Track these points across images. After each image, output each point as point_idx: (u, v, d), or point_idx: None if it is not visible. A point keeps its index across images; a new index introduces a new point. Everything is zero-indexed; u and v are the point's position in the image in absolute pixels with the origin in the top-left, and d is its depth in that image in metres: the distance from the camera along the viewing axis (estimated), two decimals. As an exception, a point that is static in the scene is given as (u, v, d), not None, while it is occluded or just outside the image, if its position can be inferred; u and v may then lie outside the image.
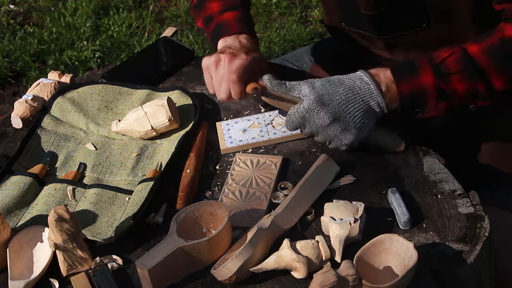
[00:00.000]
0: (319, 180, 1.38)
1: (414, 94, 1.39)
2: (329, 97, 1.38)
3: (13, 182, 1.45)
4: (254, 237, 1.24)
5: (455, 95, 1.39)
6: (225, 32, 1.61)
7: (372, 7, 1.56)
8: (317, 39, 3.41)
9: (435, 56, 1.39)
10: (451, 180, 1.38)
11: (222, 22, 1.63)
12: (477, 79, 1.38)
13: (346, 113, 1.38)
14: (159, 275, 1.22)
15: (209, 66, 1.52)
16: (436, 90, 1.38)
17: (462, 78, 1.38)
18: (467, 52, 1.38)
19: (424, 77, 1.38)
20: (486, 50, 1.38)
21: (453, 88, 1.38)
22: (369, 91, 1.39)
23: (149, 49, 1.87)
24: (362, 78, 1.39)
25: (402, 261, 1.21)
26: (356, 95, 1.38)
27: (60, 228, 1.24)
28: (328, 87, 1.39)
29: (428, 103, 1.39)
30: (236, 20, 1.62)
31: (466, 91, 1.39)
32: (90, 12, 3.67)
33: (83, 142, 1.56)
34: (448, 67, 1.38)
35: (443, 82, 1.38)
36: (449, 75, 1.38)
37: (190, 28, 3.55)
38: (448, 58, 1.38)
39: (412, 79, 1.38)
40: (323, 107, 1.38)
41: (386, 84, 1.39)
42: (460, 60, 1.38)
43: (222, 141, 1.54)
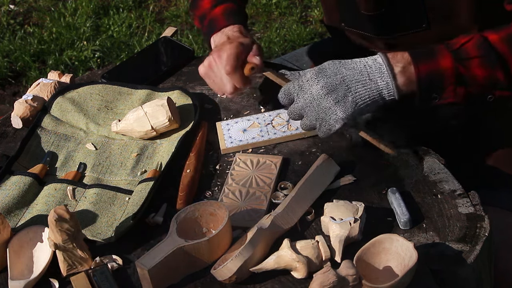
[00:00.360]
0: (319, 180, 1.38)
1: (432, 76, 1.34)
2: (334, 70, 1.35)
3: (13, 182, 1.45)
4: (254, 237, 1.24)
5: (474, 81, 1.35)
6: (214, 29, 1.60)
7: (372, 7, 1.56)
8: (317, 39, 3.41)
9: (453, 42, 1.36)
10: (451, 180, 1.38)
11: (212, 19, 1.62)
12: (497, 66, 1.34)
13: (347, 86, 1.34)
14: (159, 275, 1.22)
15: (206, 72, 1.52)
16: (455, 74, 1.34)
17: (482, 63, 1.34)
18: (486, 38, 1.35)
19: (443, 61, 1.34)
20: (506, 38, 1.35)
21: (473, 73, 1.35)
22: (379, 71, 1.34)
23: (149, 49, 1.87)
24: (376, 59, 1.36)
25: (402, 261, 1.21)
26: (364, 73, 1.34)
27: (60, 228, 1.24)
28: (337, 63, 1.36)
29: (447, 88, 1.35)
30: (224, 13, 1.61)
31: (485, 78, 1.35)
32: (90, 12, 3.67)
33: (83, 142, 1.56)
34: (467, 52, 1.34)
35: (462, 66, 1.34)
36: (469, 60, 1.34)
37: (190, 28, 3.55)
38: (467, 43, 1.35)
39: (431, 61, 1.34)
40: (324, 77, 1.34)
41: (403, 65, 1.35)
42: (480, 45, 1.34)
43: (222, 141, 1.54)
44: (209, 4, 1.65)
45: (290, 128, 1.54)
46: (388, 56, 1.36)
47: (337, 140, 1.51)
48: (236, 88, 1.49)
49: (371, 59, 1.36)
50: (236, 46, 1.48)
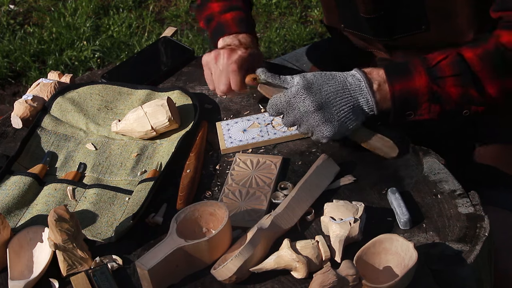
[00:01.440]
0: (319, 180, 1.38)
1: (407, 95, 1.36)
2: (318, 87, 1.36)
3: (13, 182, 1.45)
4: (254, 237, 1.24)
5: (448, 99, 1.37)
6: (225, 31, 1.62)
7: (371, 11, 1.56)
8: (317, 39, 3.41)
9: (429, 58, 1.37)
10: (451, 180, 1.38)
11: (222, 22, 1.64)
12: (471, 84, 1.35)
13: (332, 104, 1.36)
14: (159, 275, 1.22)
15: (208, 61, 1.54)
16: (429, 93, 1.35)
17: (456, 82, 1.35)
18: (462, 56, 1.36)
19: (418, 79, 1.36)
20: (481, 55, 1.36)
21: (447, 91, 1.36)
22: (359, 88, 1.36)
23: (149, 49, 1.87)
24: (355, 75, 1.38)
25: (402, 261, 1.21)
26: (346, 90, 1.36)
27: (60, 228, 1.24)
28: (319, 78, 1.37)
29: (421, 105, 1.37)
30: (236, 20, 1.63)
31: (459, 96, 1.36)
32: (90, 12, 3.67)
33: (83, 142, 1.56)
34: (442, 70, 1.36)
35: (437, 85, 1.35)
36: (443, 78, 1.35)
37: (190, 28, 3.55)
38: (442, 61, 1.36)
39: (405, 79, 1.36)
40: (310, 94, 1.36)
41: (379, 82, 1.37)
42: (455, 63, 1.35)
43: (222, 141, 1.54)
44: (219, 8, 1.67)
45: (290, 128, 1.54)
46: (366, 72, 1.37)
47: (337, 140, 1.51)
48: (229, 89, 1.51)
49: (350, 75, 1.38)
50: (250, 53, 1.52)
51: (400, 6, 1.53)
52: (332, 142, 1.48)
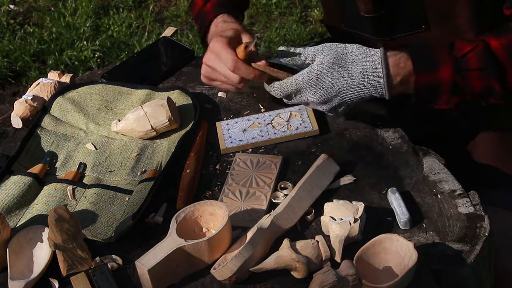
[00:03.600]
0: (319, 180, 1.38)
1: (430, 88, 1.35)
2: (331, 81, 1.36)
3: (13, 182, 1.45)
4: (254, 237, 1.24)
5: (470, 91, 1.36)
6: (204, 25, 1.61)
7: (371, 9, 1.56)
8: (317, 39, 3.41)
9: (457, 47, 1.35)
10: (451, 180, 1.38)
11: (204, 15, 1.63)
12: (495, 78, 1.34)
13: (341, 98, 1.38)
14: (159, 275, 1.22)
15: (206, 75, 1.52)
16: (451, 85, 1.35)
17: (481, 75, 1.34)
18: (489, 47, 1.34)
19: (443, 72, 1.34)
20: (506, 45, 1.34)
21: (470, 84, 1.35)
22: (377, 84, 1.36)
23: (149, 49, 1.87)
24: (376, 68, 1.36)
25: (402, 261, 1.21)
26: (361, 85, 1.36)
27: (60, 228, 1.24)
28: (336, 71, 1.36)
29: (441, 97, 1.36)
30: (213, 6, 1.61)
31: (482, 89, 1.35)
32: (90, 12, 3.67)
33: (83, 142, 1.56)
34: (469, 63, 1.34)
35: (461, 77, 1.34)
36: (469, 71, 1.34)
37: (190, 28, 3.55)
38: (470, 53, 1.34)
39: (432, 73, 1.34)
40: (320, 90, 1.37)
41: (403, 76, 1.35)
42: (482, 56, 1.34)
43: (222, 141, 1.54)
44: (201, 2, 1.66)
45: (290, 128, 1.54)
46: (390, 65, 1.36)
47: (337, 140, 1.51)
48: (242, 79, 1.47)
49: (371, 69, 1.36)
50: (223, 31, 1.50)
51: (400, 5, 1.53)
52: (337, 135, 1.49)
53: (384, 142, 1.49)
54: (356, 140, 1.50)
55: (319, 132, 1.52)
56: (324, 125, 1.54)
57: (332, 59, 1.37)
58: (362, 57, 1.37)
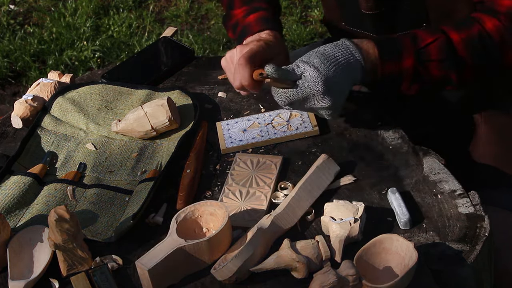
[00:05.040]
0: (319, 180, 1.38)
1: (393, 75, 1.42)
2: (333, 79, 1.38)
3: (13, 182, 1.45)
4: (254, 237, 1.24)
5: (429, 80, 1.43)
6: (247, 32, 1.59)
7: (373, 6, 1.56)
8: (317, 39, 3.41)
9: (419, 38, 1.42)
10: (451, 180, 1.38)
11: (246, 25, 1.61)
12: (453, 69, 1.42)
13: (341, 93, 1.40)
14: (159, 275, 1.22)
15: (225, 65, 1.52)
16: (413, 74, 1.42)
17: (440, 66, 1.41)
18: (450, 40, 1.41)
19: (406, 61, 1.41)
20: (465, 40, 1.41)
21: (430, 73, 1.42)
22: (358, 68, 1.41)
23: (149, 49, 1.87)
24: (354, 54, 1.40)
25: (402, 261, 1.21)
26: (350, 74, 1.40)
27: (60, 228, 1.24)
28: (327, 65, 1.38)
29: (402, 83, 1.43)
30: (258, 20, 1.61)
31: (440, 78, 1.43)
32: (90, 12, 3.67)
33: (83, 142, 1.56)
34: (430, 54, 1.41)
35: (422, 67, 1.41)
36: (429, 62, 1.41)
37: (190, 28, 3.55)
38: (431, 44, 1.41)
39: (396, 61, 1.41)
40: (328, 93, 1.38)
41: (372, 61, 1.42)
42: (443, 48, 1.41)
43: (222, 141, 1.54)
44: (242, 13, 1.65)
45: (290, 128, 1.54)
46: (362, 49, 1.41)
47: (337, 140, 1.51)
48: (242, 85, 1.46)
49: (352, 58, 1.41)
50: (260, 45, 1.48)
51: (402, 3, 1.54)
52: (337, 135, 1.48)
53: (384, 142, 1.49)
54: (356, 140, 1.50)
55: (319, 132, 1.52)
56: (324, 125, 1.54)
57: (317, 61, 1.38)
58: (335, 50, 1.41)
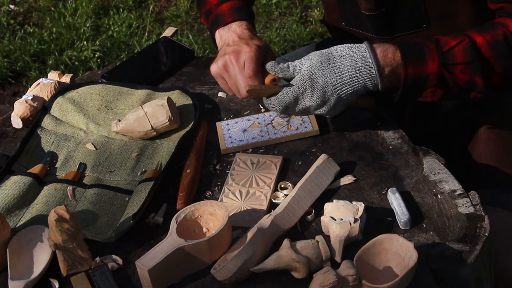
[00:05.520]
0: (319, 180, 1.38)
1: (418, 78, 1.37)
2: (324, 80, 1.37)
3: (13, 182, 1.45)
4: (254, 237, 1.24)
5: (454, 84, 1.38)
6: (220, 23, 1.59)
7: (373, 7, 1.56)
8: (317, 39, 3.41)
9: (443, 42, 1.38)
10: (451, 180, 1.38)
11: (219, 13, 1.61)
12: (479, 72, 1.37)
13: (338, 95, 1.39)
14: (159, 275, 1.22)
15: (219, 73, 1.49)
16: (438, 78, 1.37)
17: (466, 69, 1.36)
18: (475, 42, 1.36)
19: (431, 64, 1.36)
20: (491, 42, 1.37)
21: (455, 77, 1.37)
22: (369, 75, 1.37)
23: (149, 49, 1.87)
24: (365, 58, 1.37)
25: (402, 261, 1.21)
26: (354, 78, 1.37)
27: (60, 228, 1.24)
28: (326, 68, 1.37)
29: (427, 89, 1.39)
30: (231, 9, 1.60)
31: (465, 82, 1.38)
32: (90, 12, 3.67)
33: (83, 142, 1.56)
34: (455, 57, 1.36)
35: (447, 71, 1.36)
36: (454, 65, 1.36)
37: (190, 28, 3.55)
38: (456, 47, 1.36)
39: (420, 64, 1.36)
40: (317, 90, 1.37)
41: (392, 67, 1.37)
42: (467, 50, 1.36)
43: (222, 141, 1.54)
44: (215, 0, 1.65)
45: (290, 128, 1.54)
46: (378, 57, 1.37)
47: (337, 140, 1.51)
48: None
49: (360, 60, 1.37)
50: (255, 49, 1.46)
51: (402, 4, 1.54)
52: (337, 135, 1.48)
53: (384, 142, 1.49)
54: (356, 140, 1.50)
55: (319, 132, 1.52)
56: (324, 125, 1.54)
57: (319, 59, 1.38)
58: (349, 51, 1.38)
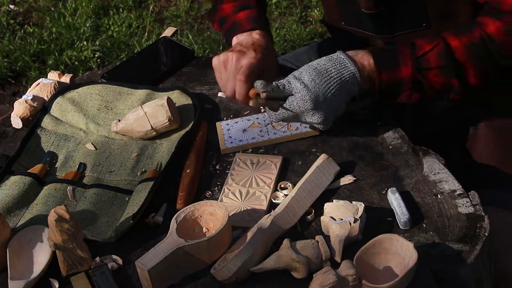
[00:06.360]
0: (319, 180, 1.38)
1: (392, 84, 1.42)
2: (323, 96, 1.40)
3: (13, 182, 1.45)
4: (254, 237, 1.24)
5: (430, 88, 1.42)
6: (238, 29, 1.61)
7: (372, 6, 1.56)
8: (317, 39, 3.41)
9: (417, 46, 1.41)
10: (451, 180, 1.38)
11: (236, 21, 1.63)
12: (454, 75, 1.40)
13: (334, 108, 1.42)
14: (159, 275, 1.22)
15: (217, 66, 1.52)
16: (412, 82, 1.41)
17: (440, 73, 1.40)
18: (449, 46, 1.40)
19: (404, 70, 1.41)
20: (467, 45, 1.40)
21: (430, 81, 1.41)
22: (353, 81, 1.41)
23: (149, 49, 1.87)
24: (348, 67, 1.41)
25: (402, 261, 1.21)
26: (343, 87, 1.41)
27: (60, 228, 1.24)
28: (318, 82, 1.40)
29: (402, 93, 1.43)
30: (249, 18, 1.62)
31: (441, 85, 1.42)
32: (90, 12, 3.67)
33: (83, 142, 1.56)
34: (428, 62, 1.40)
35: (421, 76, 1.40)
36: (428, 70, 1.40)
37: (190, 28, 3.55)
38: (430, 52, 1.40)
39: (393, 70, 1.41)
40: (318, 109, 1.40)
41: (368, 72, 1.42)
42: (442, 55, 1.40)
43: (222, 141, 1.54)
44: (231, 8, 1.66)
45: (290, 128, 1.54)
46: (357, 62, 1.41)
47: (337, 140, 1.51)
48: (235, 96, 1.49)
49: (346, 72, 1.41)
50: (259, 58, 1.48)
51: (401, 2, 1.54)
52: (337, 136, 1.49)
53: (384, 142, 1.49)
54: (356, 140, 1.50)
55: (319, 132, 1.52)
56: (324, 125, 1.54)
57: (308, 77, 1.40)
58: (328, 64, 1.42)
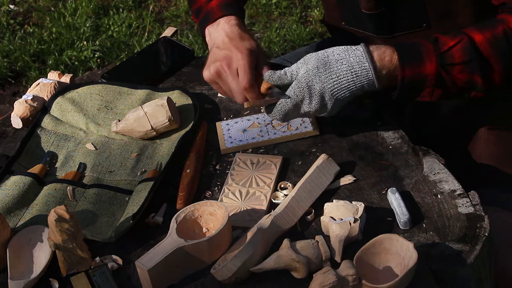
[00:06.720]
0: (319, 180, 1.38)
1: (415, 79, 1.37)
2: (322, 85, 1.37)
3: (13, 182, 1.45)
4: (254, 237, 1.24)
5: (453, 84, 1.37)
6: (209, 20, 1.57)
7: (373, 6, 1.56)
8: (317, 39, 3.41)
9: (441, 42, 1.37)
10: (451, 180, 1.38)
11: (209, 10, 1.60)
12: (478, 71, 1.36)
13: (336, 99, 1.39)
14: (159, 275, 1.22)
15: (212, 79, 1.48)
16: (436, 78, 1.36)
17: (464, 69, 1.36)
18: (473, 41, 1.35)
19: (428, 65, 1.36)
20: (490, 39, 1.36)
21: (453, 77, 1.37)
22: (367, 78, 1.37)
23: (149, 49, 1.87)
24: (362, 62, 1.36)
25: (402, 261, 1.21)
26: (351, 82, 1.37)
27: (60, 228, 1.24)
28: (323, 74, 1.37)
29: (425, 89, 1.38)
30: (219, 5, 1.58)
31: (464, 82, 1.37)
32: (90, 12, 3.67)
33: (83, 142, 1.56)
34: (453, 57, 1.35)
35: (445, 71, 1.36)
36: (453, 65, 1.35)
37: (190, 28, 3.55)
38: (454, 47, 1.35)
39: (417, 65, 1.36)
40: (315, 96, 1.38)
41: (389, 69, 1.37)
42: (465, 49, 1.35)
43: (222, 141, 1.54)
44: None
45: (290, 128, 1.54)
46: (375, 58, 1.36)
47: (337, 140, 1.51)
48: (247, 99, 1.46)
49: (357, 64, 1.36)
50: (247, 55, 1.44)
51: (402, 3, 1.54)
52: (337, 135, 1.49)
53: (384, 142, 1.49)
54: (356, 140, 1.50)
55: (319, 132, 1.52)
56: (324, 125, 1.54)
57: (316, 64, 1.37)
58: (345, 54, 1.37)
